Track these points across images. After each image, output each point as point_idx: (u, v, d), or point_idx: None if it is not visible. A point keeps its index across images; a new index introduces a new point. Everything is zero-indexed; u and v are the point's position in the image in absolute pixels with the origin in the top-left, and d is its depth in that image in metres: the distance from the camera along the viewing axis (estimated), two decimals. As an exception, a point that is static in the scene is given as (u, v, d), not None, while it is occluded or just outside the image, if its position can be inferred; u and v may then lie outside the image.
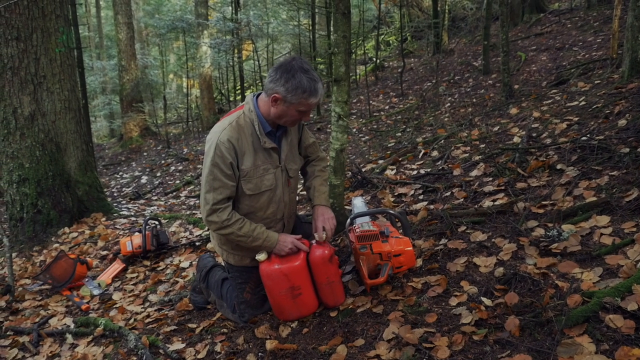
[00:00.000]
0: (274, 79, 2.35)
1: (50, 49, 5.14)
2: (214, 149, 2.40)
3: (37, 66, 5.06)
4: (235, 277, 2.77)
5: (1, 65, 4.96)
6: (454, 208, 3.43)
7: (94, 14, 21.94)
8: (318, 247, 2.56)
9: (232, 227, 2.48)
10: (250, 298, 2.75)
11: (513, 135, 4.78)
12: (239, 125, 2.43)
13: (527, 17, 11.86)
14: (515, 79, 7.63)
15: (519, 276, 2.41)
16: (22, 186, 5.09)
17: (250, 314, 2.77)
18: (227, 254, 2.74)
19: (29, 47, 4.99)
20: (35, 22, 5.00)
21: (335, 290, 2.61)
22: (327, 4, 10.35)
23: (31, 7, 4.96)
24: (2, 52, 4.93)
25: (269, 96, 2.39)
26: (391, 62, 14.07)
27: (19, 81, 5.00)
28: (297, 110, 2.39)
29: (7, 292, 3.84)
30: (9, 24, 4.90)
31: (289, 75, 2.31)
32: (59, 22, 5.23)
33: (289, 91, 2.32)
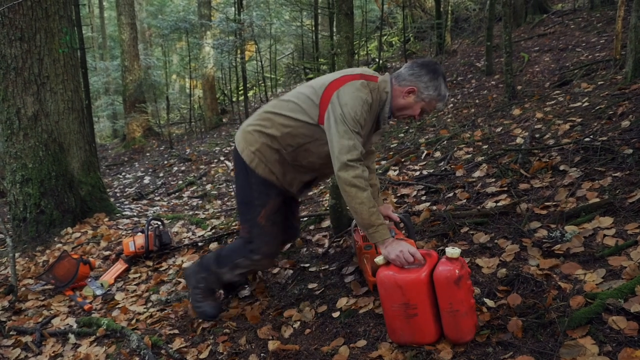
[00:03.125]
0: (418, 74, 2.43)
1: (54, 49, 5.15)
2: (360, 104, 2.36)
3: (41, 67, 5.07)
4: (255, 195, 2.62)
5: (5, 66, 4.97)
6: (457, 209, 3.43)
7: (98, 14, 22.00)
8: (447, 263, 2.08)
9: (367, 184, 2.34)
10: (265, 224, 2.63)
11: (516, 136, 4.77)
12: (373, 96, 2.44)
13: (530, 18, 11.84)
14: (518, 80, 7.62)
15: (521, 277, 2.41)
16: (25, 186, 5.10)
17: (264, 246, 2.65)
18: (257, 162, 2.59)
19: (33, 47, 5.01)
20: (39, 22, 5.01)
21: (459, 322, 2.07)
22: (329, 5, 10.36)
23: (35, 8, 4.97)
24: (6, 52, 4.95)
25: (404, 86, 2.45)
26: (394, 63, 14.06)
27: (23, 82, 5.01)
28: (421, 108, 2.49)
29: (10, 292, 3.85)
30: (13, 25, 4.91)
31: (434, 75, 2.43)
32: (63, 22, 5.24)
33: (428, 89, 2.43)
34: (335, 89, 2.42)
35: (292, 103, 2.54)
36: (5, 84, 5.01)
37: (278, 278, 3.26)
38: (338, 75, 2.50)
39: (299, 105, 2.51)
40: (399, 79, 2.47)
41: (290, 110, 2.53)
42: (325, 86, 2.46)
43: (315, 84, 2.54)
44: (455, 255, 2.05)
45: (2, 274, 4.62)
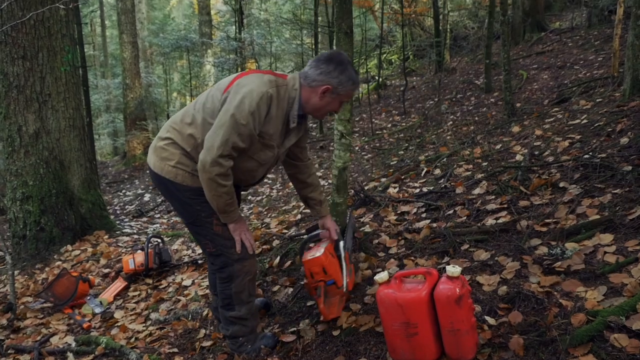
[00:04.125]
0: (327, 71, 2.36)
1: (56, 67, 5.19)
2: (258, 96, 2.26)
3: (43, 84, 5.10)
4: (198, 209, 2.46)
5: (7, 84, 5.01)
6: (457, 226, 3.43)
7: (99, 33, 22.19)
8: (448, 282, 2.07)
9: (229, 180, 2.32)
10: (222, 230, 2.49)
11: (515, 153, 4.78)
12: (279, 91, 2.36)
13: (528, 36, 11.94)
14: (517, 97, 7.66)
15: (522, 295, 2.40)
16: (25, 203, 5.10)
17: (242, 254, 2.50)
18: (182, 173, 2.42)
19: (35, 65, 5.05)
20: (42, 41, 5.06)
21: (460, 341, 2.06)
22: (329, 24, 10.45)
23: (38, 27, 5.02)
24: (8, 70, 4.99)
25: (316, 87, 2.38)
26: (393, 81, 14.14)
27: (25, 99, 5.04)
28: (339, 102, 2.46)
29: (8, 310, 3.82)
30: (16, 43, 4.96)
31: (343, 67, 2.37)
32: (65, 41, 5.29)
33: (342, 83, 2.37)
34: (239, 77, 2.38)
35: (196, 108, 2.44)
36: (7, 102, 5.04)
37: (278, 296, 3.25)
38: (246, 70, 2.49)
39: (205, 107, 2.41)
40: (308, 80, 2.39)
41: (195, 115, 2.42)
42: (230, 79, 2.41)
43: (223, 81, 2.46)
44: (455, 274, 2.05)
45: (1, 291, 4.60)
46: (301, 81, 2.41)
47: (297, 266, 3.56)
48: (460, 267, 2.07)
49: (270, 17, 15.30)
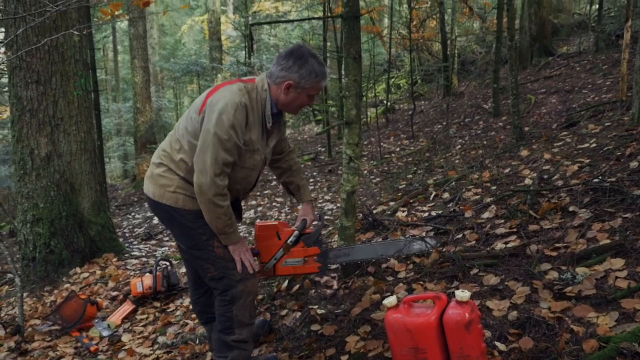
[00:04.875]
0: (286, 67, 2.37)
1: (69, 92, 5.27)
2: (233, 108, 2.26)
3: (55, 108, 5.18)
4: (199, 232, 2.44)
5: (20, 108, 5.09)
6: (466, 250, 3.41)
7: (112, 58, 22.56)
8: (457, 306, 2.05)
9: (226, 200, 2.32)
10: (224, 253, 2.47)
11: (524, 177, 4.77)
12: (251, 97, 2.37)
13: (536, 61, 11.99)
14: (526, 121, 7.67)
15: (533, 320, 2.37)
16: (35, 226, 5.13)
17: (243, 274, 2.48)
18: (183, 198, 2.41)
19: (48, 90, 5.13)
20: (55, 66, 5.15)
21: None
22: (338, 49, 10.56)
23: (52, 52, 5.12)
24: (22, 95, 5.07)
25: (279, 84, 2.40)
26: (402, 105, 14.22)
27: (37, 123, 5.12)
28: (307, 95, 2.44)
29: (16, 333, 3.83)
30: (30, 68, 5.05)
31: (302, 61, 2.37)
32: (78, 66, 5.38)
33: (303, 77, 2.37)
34: (212, 93, 2.38)
35: (179, 133, 2.44)
36: (20, 125, 5.12)
37: (286, 320, 3.23)
38: (215, 85, 2.48)
39: (187, 130, 2.40)
40: (272, 77, 2.42)
41: (180, 140, 2.42)
42: (203, 99, 2.39)
43: (197, 101, 2.44)
44: (465, 299, 2.03)
45: (9, 314, 4.61)
46: (268, 80, 2.43)
47: (305, 290, 3.55)
48: (469, 292, 2.06)
49: (280, 42, 15.50)
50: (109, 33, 20.12)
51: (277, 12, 15.83)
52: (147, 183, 2.50)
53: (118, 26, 20.88)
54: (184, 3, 21.20)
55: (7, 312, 4.78)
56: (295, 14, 13.79)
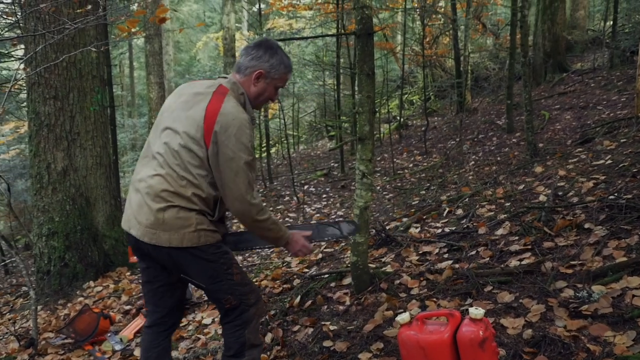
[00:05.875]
0: (256, 56, 2.36)
1: (85, 107, 5.35)
2: (246, 127, 2.20)
3: (72, 123, 5.26)
4: (220, 262, 2.30)
5: (38, 123, 5.17)
6: (480, 267, 3.38)
7: (128, 74, 22.87)
8: (471, 324, 2.03)
9: (266, 212, 2.27)
10: (241, 277, 2.36)
11: (539, 193, 4.73)
12: (242, 104, 2.34)
13: (550, 77, 11.96)
14: (540, 138, 7.63)
15: (548, 339, 2.34)
16: (51, 239, 5.19)
17: (253, 293, 2.40)
18: (204, 233, 2.22)
19: (66, 105, 5.22)
20: (73, 82, 5.24)
21: None
22: (351, 65, 10.62)
23: (69, 68, 5.22)
24: (40, 110, 5.16)
25: (250, 74, 2.36)
26: (415, 121, 14.22)
27: (54, 138, 5.19)
28: (275, 87, 2.42)
29: (30, 345, 3.85)
30: (48, 84, 5.14)
31: (272, 51, 2.37)
32: (95, 82, 5.47)
33: (274, 67, 2.36)
34: (216, 114, 2.20)
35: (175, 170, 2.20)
36: (38, 140, 5.20)
37: (298, 336, 3.22)
38: (207, 98, 2.26)
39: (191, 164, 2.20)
40: (241, 70, 2.38)
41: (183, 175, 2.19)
42: (196, 125, 2.20)
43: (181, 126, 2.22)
44: (479, 316, 2.01)
45: (23, 326, 4.64)
46: (237, 78, 2.39)
47: (317, 306, 3.54)
48: (483, 309, 2.04)
49: (294, 58, 15.61)
50: (126, 50, 20.44)
51: (291, 29, 16.00)
52: (154, 233, 2.18)
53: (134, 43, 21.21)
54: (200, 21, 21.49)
55: (22, 325, 4.81)
56: (309, 31, 13.92)
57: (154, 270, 2.37)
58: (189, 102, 2.28)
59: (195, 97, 2.28)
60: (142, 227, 2.18)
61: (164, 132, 2.27)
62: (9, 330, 4.50)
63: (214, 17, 24.17)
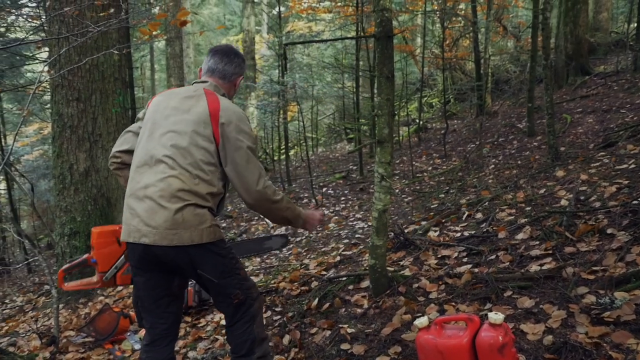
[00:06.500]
0: (238, 64, 2.60)
1: (107, 109, 5.43)
2: (246, 118, 2.42)
3: (94, 125, 5.34)
4: (229, 257, 2.36)
5: (61, 124, 5.25)
6: (499, 272, 3.35)
7: (149, 76, 23.12)
8: (490, 329, 2.03)
9: (279, 191, 2.42)
10: (245, 274, 2.44)
11: (560, 198, 4.67)
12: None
13: (572, 80, 11.80)
14: (561, 141, 7.53)
15: (569, 345, 2.31)
16: (72, 239, 5.26)
17: (256, 290, 2.48)
18: (215, 229, 2.29)
19: (88, 107, 5.29)
20: (95, 84, 5.32)
21: None
22: (370, 68, 10.61)
23: (92, 71, 5.29)
24: (63, 111, 5.24)
25: (234, 80, 2.61)
26: (434, 124, 14.15)
27: (77, 139, 5.27)
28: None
29: (51, 343, 3.91)
30: (71, 86, 5.23)
31: (241, 56, 2.65)
32: (117, 84, 5.55)
33: (244, 69, 2.66)
34: (218, 110, 2.33)
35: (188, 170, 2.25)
36: (61, 141, 5.28)
37: (316, 339, 3.22)
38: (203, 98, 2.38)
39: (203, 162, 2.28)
40: (227, 76, 2.57)
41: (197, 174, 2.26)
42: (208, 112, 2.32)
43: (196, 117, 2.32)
44: (498, 321, 1.99)
45: (45, 324, 4.71)
46: (221, 83, 2.56)
47: (335, 309, 3.53)
48: (503, 315, 2.02)
49: (313, 61, 15.66)
50: (147, 52, 20.68)
51: (311, 32, 16.04)
52: (175, 233, 2.19)
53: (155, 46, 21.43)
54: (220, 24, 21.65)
55: (43, 323, 4.89)
56: (328, 33, 13.93)
57: (158, 280, 2.37)
58: (183, 105, 2.38)
59: (189, 100, 2.39)
60: (160, 230, 2.18)
61: (164, 136, 2.32)
62: (32, 328, 4.58)
63: (234, 20, 24.35)
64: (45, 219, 11.80)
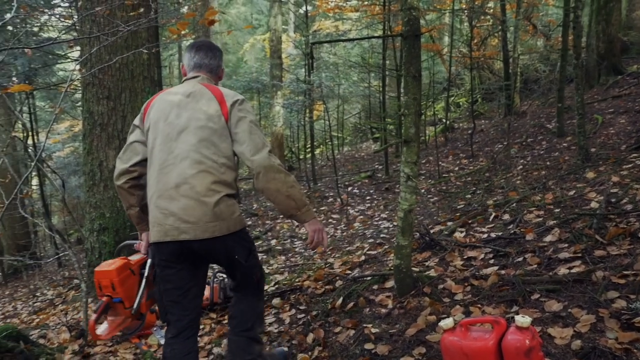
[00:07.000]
0: (220, 57, 2.72)
1: (136, 107, 5.50)
2: (244, 98, 2.55)
3: (124, 123, 5.42)
4: (251, 242, 2.56)
5: (92, 122, 5.35)
6: (527, 274, 3.30)
7: (177, 75, 23.37)
8: (517, 332, 1.99)
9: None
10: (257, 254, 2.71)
11: (590, 200, 4.58)
12: None
13: (604, 80, 11.55)
14: (592, 142, 7.38)
15: (598, 350, 2.26)
16: (101, 234, 5.36)
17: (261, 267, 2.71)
18: (242, 219, 2.46)
19: (118, 105, 5.38)
20: (125, 82, 5.40)
21: None
22: (397, 67, 10.56)
23: (122, 70, 5.37)
24: (94, 109, 5.34)
25: (219, 73, 2.74)
26: (461, 124, 14.01)
27: (107, 137, 5.36)
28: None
29: (80, 336, 3.99)
30: (102, 85, 5.31)
31: (220, 49, 2.76)
32: (146, 82, 5.62)
33: (222, 61, 2.76)
34: (223, 96, 2.49)
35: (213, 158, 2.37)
36: (91, 139, 5.38)
37: (339, 338, 3.22)
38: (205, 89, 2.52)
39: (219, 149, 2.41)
40: (214, 70, 2.69)
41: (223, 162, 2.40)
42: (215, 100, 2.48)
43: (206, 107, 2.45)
44: (525, 324, 1.97)
45: (74, 318, 4.81)
46: (209, 75, 2.67)
47: (359, 308, 3.53)
48: (530, 318, 1.99)
49: (339, 60, 15.64)
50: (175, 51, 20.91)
51: (337, 31, 16.01)
52: (215, 225, 2.31)
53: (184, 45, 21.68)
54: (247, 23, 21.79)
55: (73, 316, 5.00)
56: (355, 32, 13.90)
57: (187, 271, 2.46)
58: (189, 100, 2.49)
59: (193, 95, 2.51)
60: (200, 225, 2.29)
61: (182, 134, 2.41)
62: (61, 321, 4.68)
63: (261, 20, 24.46)
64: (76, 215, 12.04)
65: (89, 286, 5.26)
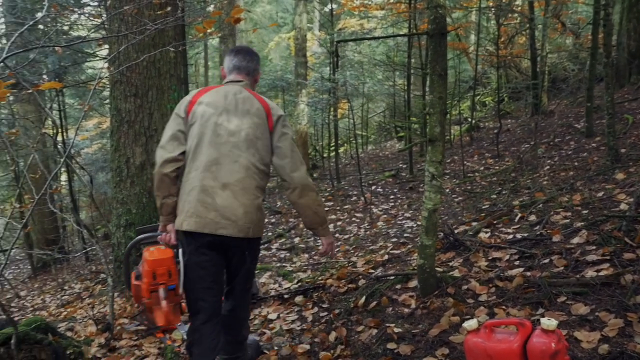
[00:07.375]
0: (258, 61, 2.86)
1: (163, 105, 5.57)
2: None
3: (150, 120, 5.49)
4: (259, 250, 2.89)
5: (119, 119, 5.44)
6: (553, 276, 3.25)
7: (202, 73, 23.57)
8: (543, 335, 1.96)
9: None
10: None
11: (619, 202, 4.49)
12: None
13: (635, 79, 11.28)
14: (622, 143, 7.23)
15: (626, 355, 2.22)
16: (128, 230, 5.44)
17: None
18: (263, 226, 2.72)
19: (145, 103, 5.45)
20: (152, 80, 5.47)
21: None
22: (422, 66, 10.48)
23: (149, 68, 5.45)
24: (121, 107, 5.42)
25: (256, 76, 2.86)
26: (487, 123, 13.84)
27: (134, 133, 5.44)
28: None
29: (106, 330, 4.06)
30: (129, 82, 5.40)
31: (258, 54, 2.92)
32: (172, 80, 5.68)
33: (260, 65, 2.92)
34: (269, 108, 2.69)
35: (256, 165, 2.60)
36: (118, 135, 5.46)
37: (362, 337, 3.22)
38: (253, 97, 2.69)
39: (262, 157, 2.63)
40: (253, 74, 2.84)
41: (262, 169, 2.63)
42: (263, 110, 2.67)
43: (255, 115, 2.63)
44: (551, 327, 1.94)
45: (101, 311, 4.90)
46: (249, 80, 2.81)
47: (382, 307, 3.52)
48: (556, 321, 1.96)
49: (364, 58, 15.59)
50: (201, 50, 21.11)
51: (362, 29, 15.96)
52: (249, 227, 2.56)
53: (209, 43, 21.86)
54: (272, 21, 21.87)
55: (99, 310, 5.09)
56: (380, 30, 13.84)
57: (219, 258, 2.63)
58: (240, 105, 2.64)
59: (243, 101, 2.65)
60: (239, 224, 2.50)
61: (232, 137, 2.58)
62: (88, 314, 4.77)
63: (286, 18, 24.51)
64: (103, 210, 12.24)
65: (115, 280, 5.35)
